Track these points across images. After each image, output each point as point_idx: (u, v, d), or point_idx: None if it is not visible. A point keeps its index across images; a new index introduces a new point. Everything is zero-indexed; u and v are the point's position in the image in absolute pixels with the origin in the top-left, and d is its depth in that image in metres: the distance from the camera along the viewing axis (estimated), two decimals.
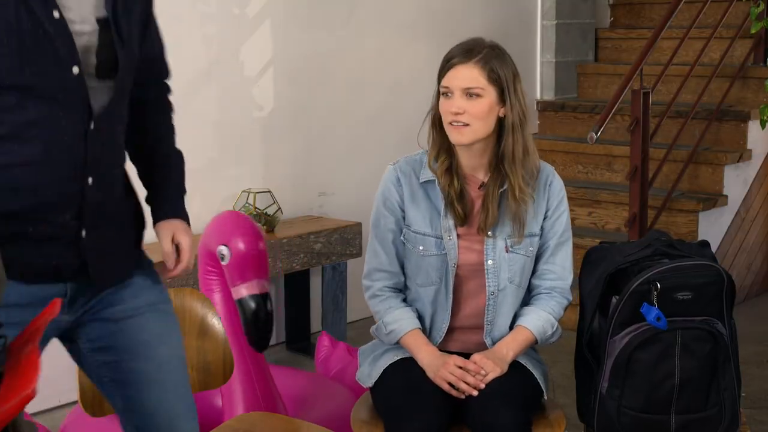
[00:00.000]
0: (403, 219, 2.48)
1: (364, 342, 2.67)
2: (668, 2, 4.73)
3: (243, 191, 4.00)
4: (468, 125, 2.35)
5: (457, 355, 2.41)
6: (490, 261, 2.44)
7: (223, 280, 2.78)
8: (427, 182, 2.46)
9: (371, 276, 2.52)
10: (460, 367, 2.37)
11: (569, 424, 2.51)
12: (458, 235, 2.44)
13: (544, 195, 2.49)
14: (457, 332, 2.50)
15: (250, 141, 4.20)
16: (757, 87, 4.93)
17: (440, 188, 2.44)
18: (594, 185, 5.00)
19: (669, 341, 2.32)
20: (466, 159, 2.44)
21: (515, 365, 2.43)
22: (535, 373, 2.46)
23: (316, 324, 4.37)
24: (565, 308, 2.53)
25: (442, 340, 2.49)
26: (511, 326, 2.49)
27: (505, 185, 2.41)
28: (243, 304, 2.61)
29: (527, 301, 2.53)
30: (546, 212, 2.49)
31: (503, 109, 2.38)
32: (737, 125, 4.88)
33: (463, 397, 2.35)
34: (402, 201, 2.47)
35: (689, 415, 2.36)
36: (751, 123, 4.84)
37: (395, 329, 2.46)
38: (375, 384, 2.47)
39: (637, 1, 5.89)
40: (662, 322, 2.29)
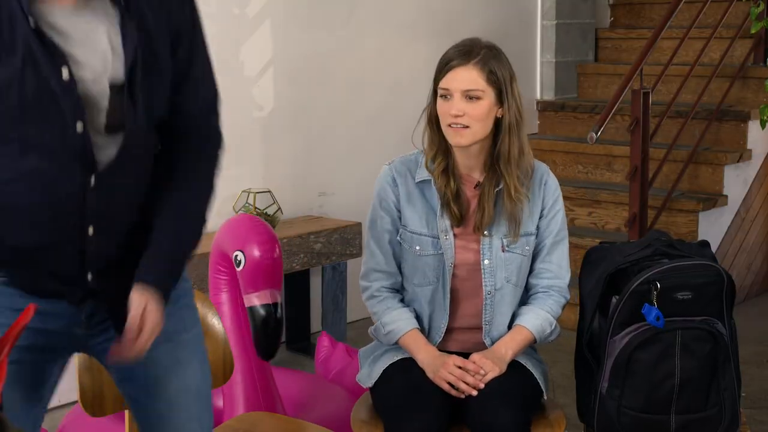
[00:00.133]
0: (399, 219, 2.48)
1: (364, 342, 2.67)
2: (668, 2, 4.73)
3: (243, 191, 4.00)
4: (467, 127, 2.35)
5: (456, 355, 2.42)
6: (487, 260, 2.45)
7: (232, 281, 2.78)
8: (422, 182, 2.46)
9: (368, 277, 2.52)
10: (460, 367, 2.37)
11: (569, 424, 2.51)
12: (455, 235, 2.45)
13: (540, 194, 2.49)
14: (456, 332, 2.50)
15: (250, 141, 4.20)
16: (757, 87, 4.93)
17: (436, 189, 2.44)
18: (594, 185, 5.00)
19: (669, 341, 2.32)
20: (463, 159, 2.44)
21: (515, 365, 2.43)
22: (534, 372, 2.46)
23: (316, 324, 4.37)
24: (563, 307, 2.53)
25: (441, 340, 2.49)
26: (510, 326, 2.49)
27: (500, 185, 2.42)
28: (253, 312, 2.62)
29: (525, 300, 2.53)
30: (542, 211, 2.50)
31: (500, 110, 2.39)
32: (737, 125, 4.88)
33: (462, 397, 2.35)
34: (398, 201, 2.48)
35: (689, 415, 2.36)
36: (751, 123, 4.84)
37: (394, 329, 2.46)
38: (375, 384, 2.48)
39: (637, 1, 5.89)
40: (660, 321, 2.29)
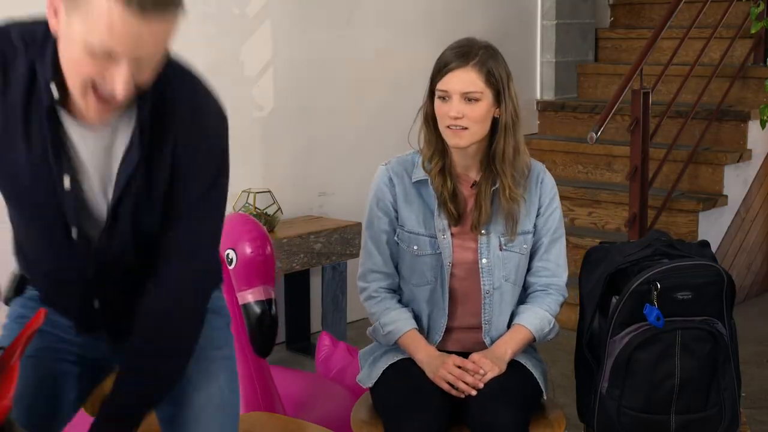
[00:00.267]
0: (397, 219, 2.48)
1: (364, 342, 2.67)
2: (668, 2, 4.72)
3: (243, 191, 4.00)
4: (466, 128, 2.35)
5: (455, 355, 2.42)
6: (485, 259, 2.45)
7: (225, 280, 2.78)
8: (419, 182, 2.46)
9: (366, 277, 2.52)
10: (459, 367, 2.37)
11: (569, 424, 2.51)
12: (452, 234, 2.45)
13: (536, 192, 2.49)
14: (455, 332, 2.50)
15: (250, 141, 4.20)
16: (757, 87, 4.93)
17: (433, 188, 2.44)
18: (594, 185, 5.00)
19: (669, 341, 2.32)
20: (460, 159, 2.44)
21: (515, 365, 2.43)
22: (534, 372, 2.46)
23: (316, 324, 4.37)
24: (561, 305, 2.53)
25: (440, 340, 2.49)
26: (509, 325, 2.49)
27: (497, 183, 2.42)
28: (248, 309, 2.62)
29: (523, 299, 2.53)
30: (539, 209, 2.50)
31: (498, 110, 2.39)
32: (737, 125, 4.88)
33: (462, 397, 2.35)
34: (395, 201, 2.48)
35: (689, 415, 2.36)
36: (751, 123, 4.84)
37: (393, 330, 2.46)
38: (375, 384, 2.48)
39: (637, 1, 5.89)
40: (660, 321, 2.29)
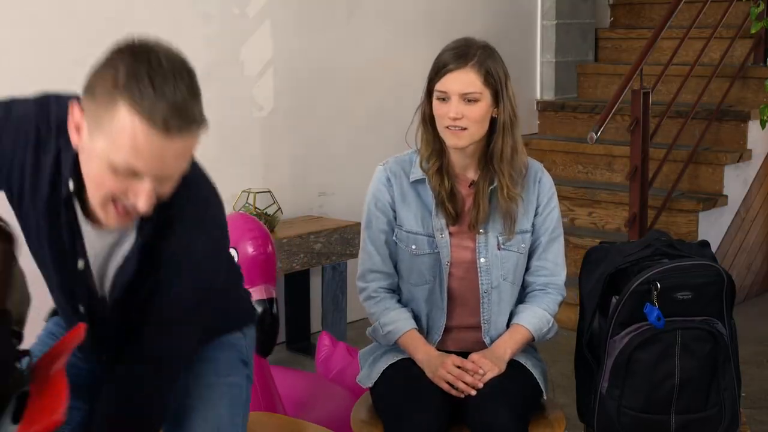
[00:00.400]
0: (395, 219, 2.48)
1: (364, 342, 2.67)
2: (668, 2, 4.72)
3: (243, 191, 4.00)
4: (466, 129, 2.35)
5: (455, 355, 2.42)
6: (483, 259, 2.45)
7: None
8: (417, 181, 2.46)
9: (365, 277, 2.52)
10: (459, 367, 2.37)
11: (569, 424, 2.51)
12: (450, 234, 2.45)
13: (534, 191, 2.49)
14: (454, 331, 2.50)
15: (250, 141, 4.20)
16: (757, 87, 4.93)
17: (431, 188, 2.44)
18: (594, 185, 5.00)
19: (669, 341, 2.32)
20: (458, 159, 2.44)
21: (514, 365, 2.43)
22: (534, 372, 2.46)
23: (316, 324, 4.37)
24: (560, 304, 2.53)
25: (440, 340, 2.49)
26: (509, 324, 2.49)
27: (495, 182, 2.42)
28: None
29: (522, 298, 2.53)
30: (537, 209, 2.50)
31: (496, 110, 2.39)
32: (737, 125, 4.88)
33: (462, 397, 2.35)
34: (393, 201, 2.48)
35: (689, 415, 2.36)
36: (751, 123, 4.84)
37: (392, 330, 2.46)
38: (374, 384, 2.48)
39: (637, 1, 5.89)
40: (660, 321, 2.29)
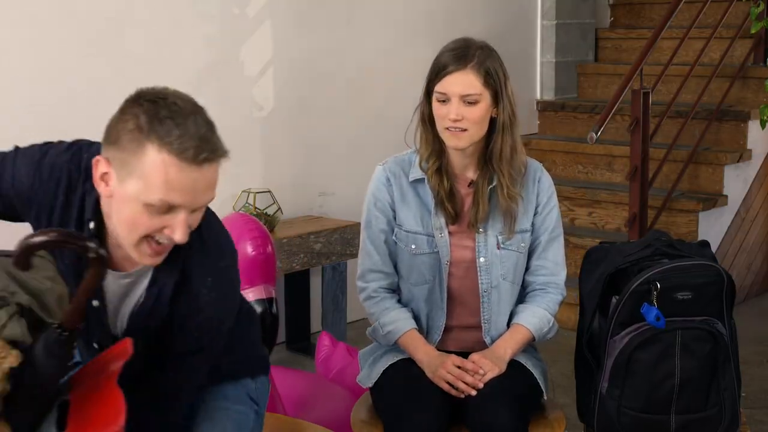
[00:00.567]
0: (394, 219, 2.49)
1: (364, 342, 2.67)
2: (668, 2, 4.72)
3: (243, 191, 4.00)
4: (466, 130, 2.36)
5: (455, 355, 2.42)
6: (482, 258, 2.45)
7: None
8: (416, 181, 2.47)
9: (365, 277, 2.52)
10: (459, 367, 2.37)
11: (569, 424, 2.51)
12: (450, 233, 2.45)
13: (534, 191, 2.49)
14: (454, 331, 2.50)
15: (250, 141, 4.20)
16: (757, 87, 4.93)
17: (430, 188, 2.44)
18: (594, 185, 5.00)
19: (669, 341, 2.32)
20: (457, 159, 2.44)
21: (514, 364, 2.43)
22: (534, 372, 2.46)
23: (316, 324, 4.37)
24: (560, 303, 2.53)
25: (440, 340, 2.49)
26: (509, 324, 2.49)
27: (494, 181, 2.42)
28: None
29: (522, 298, 2.53)
30: (536, 208, 2.50)
31: (496, 110, 2.39)
32: (737, 125, 4.88)
33: (462, 397, 2.35)
34: (392, 201, 2.48)
35: (689, 415, 2.36)
36: (751, 123, 4.84)
37: (392, 330, 2.46)
38: (375, 384, 2.48)
39: (637, 1, 5.89)
40: (661, 321, 2.29)
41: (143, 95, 1.69)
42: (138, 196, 1.66)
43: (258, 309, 2.61)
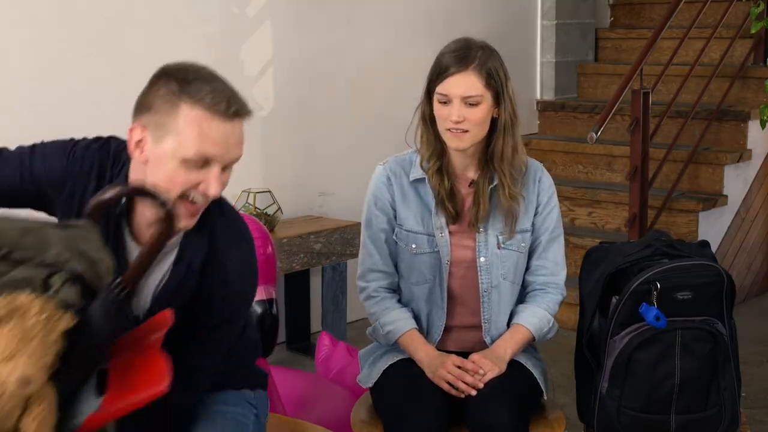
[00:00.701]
0: (395, 218, 2.49)
1: (364, 342, 2.67)
2: (668, 2, 4.72)
3: (243, 191, 4.00)
4: (467, 131, 2.36)
5: (455, 355, 2.42)
6: (483, 258, 2.45)
7: None
8: (417, 180, 2.47)
9: (366, 277, 2.52)
10: (459, 367, 2.37)
11: (569, 424, 2.51)
12: (450, 233, 2.45)
13: (534, 191, 2.49)
14: (454, 331, 2.50)
15: (250, 141, 4.15)
16: (757, 87, 4.93)
17: (431, 187, 2.44)
18: (594, 185, 5.00)
19: (669, 341, 2.32)
20: (458, 159, 2.44)
21: (514, 365, 2.44)
22: (534, 372, 2.46)
23: (316, 324, 4.37)
24: (560, 304, 2.53)
25: (440, 339, 2.49)
26: (509, 324, 2.49)
27: (494, 181, 2.42)
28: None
29: (522, 298, 2.53)
30: (537, 208, 2.50)
31: (497, 110, 2.39)
32: (737, 125, 4.88)
33: (462, 397, 2.35)
34: (393, 200, 2.48)
35: (689, 415, 2.36)
36: (751, 123, 4.84)
37: (392, 330, 2.46)
38: (375, 384, 2.48)
39: (637, 1, 5.89)
40: (662, 321, 2.29)
41: (168, 67, 1.80)
42: (175, 153, 1.74)
43: (258, 310, 2.60)
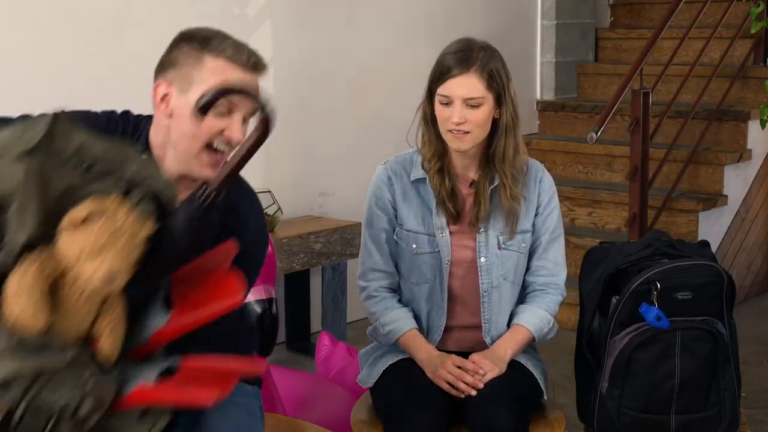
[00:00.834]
0: (396, 218, 2.49)
1: (364, 342, 2.67)
2: (668, 2, 4.72)
3: None
4: (469, 133, 2.36)
5: (455, 355, 2.42)
6: (483, 258, 2.45)
7: None
8: (417, 180, 2.47)
9: (366, 276, 2.52)
10: (459, 367, 2.37)
11: (569, 424, 2.51)
12: (451, 233, 2.45)
13: (535, 191, 2.49)
14: (455, 331, 2.50)
15: None
16: (757, 87, 4.93)
17: (432, 187, 2.44)
18: (594, 185, 5.00)
19: (669, 341, 2.32)
20: (459, 160, 2.44)
21: (514, 365, 2.43)
22: (534, 372, 2.46)
23: (316, 324, 4.37)
24: (560, 304, 2.53)
25: (440, 340, 2.49)
26: (509, 324, 2.49)
27: (495, 181, 2.42)
28: (249, 308, 2.61)
29: (522, 298, 2.53)
30: (537, 208, 2.50)
31: (498, 111, 2.39)
32: (737, 125, 4.88)
33: (462, 397, 2.35)
34: (394, 200, 2.48)
35: (689, 415, 2.36)
36: (751, 123, 4.84)
37: (393, 330, 2.46)
38: (375, 384, 2.48)
39: (637, 1, 5.89)
40: (663, 321, 2.29)
41: (187, 30, 1.95)
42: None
43: (258, 309, 2.60)
